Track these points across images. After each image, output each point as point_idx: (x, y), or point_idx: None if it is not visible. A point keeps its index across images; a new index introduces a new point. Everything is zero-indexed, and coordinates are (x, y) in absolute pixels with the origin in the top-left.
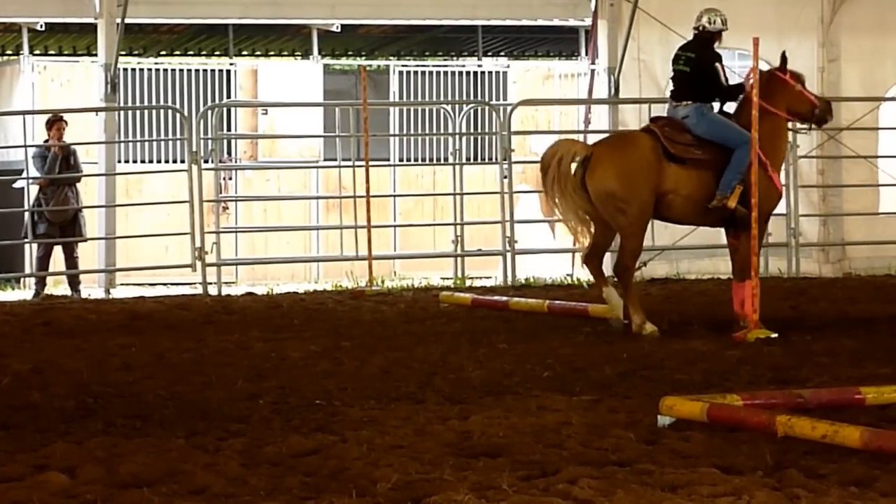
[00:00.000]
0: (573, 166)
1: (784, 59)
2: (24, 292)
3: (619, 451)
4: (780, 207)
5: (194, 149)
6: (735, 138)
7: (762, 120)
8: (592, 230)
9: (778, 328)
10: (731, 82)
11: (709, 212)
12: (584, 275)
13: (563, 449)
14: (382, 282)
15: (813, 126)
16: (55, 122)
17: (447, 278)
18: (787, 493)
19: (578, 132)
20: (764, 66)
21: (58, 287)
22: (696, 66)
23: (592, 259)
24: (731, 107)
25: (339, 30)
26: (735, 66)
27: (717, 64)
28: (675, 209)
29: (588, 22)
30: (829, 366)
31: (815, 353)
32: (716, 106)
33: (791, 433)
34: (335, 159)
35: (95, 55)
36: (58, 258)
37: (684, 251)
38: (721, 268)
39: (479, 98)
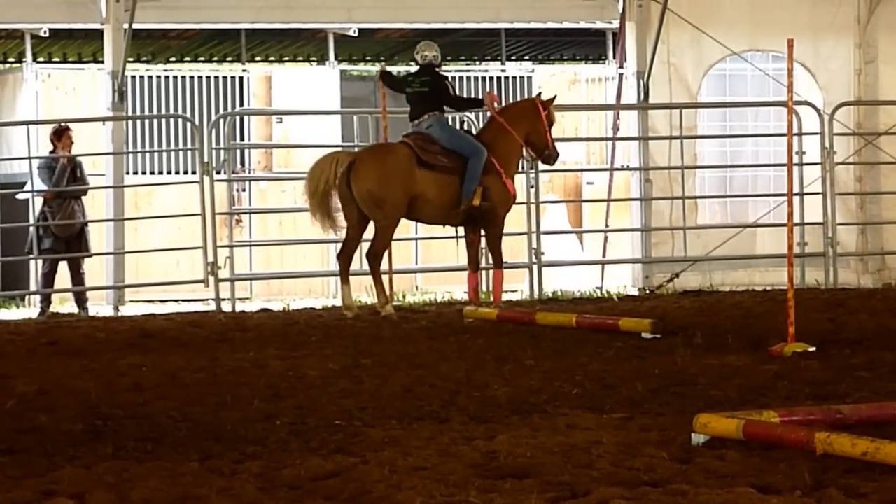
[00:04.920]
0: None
1: (551, 99)
2: (29, 310)
3: (652, 470)
4: (817, 216)
5: (206, 159)
6: (468, 148)
7: (502, 135)
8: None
9: (816, 341)
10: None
11: (454, 212)
12: (613, 287)
13: (594, 469)
14: (404, 297)
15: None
16: (63, 131)
17: None
18: None
19: (607, 139)
20: (798, 69)
21: (64, 305)
22: (433, 86)
23: (345, 257)
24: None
25: (356, 34)
26: (769, 69)
27: (446, 82)
28: (426, 210)
29: (616, 24)
30: (870, 380)
31: (855, 367)
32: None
33: (830, 451)
34: None
35: (102, 62)
36: (63, 274)
37: (717, 262)
38: (756, 279)
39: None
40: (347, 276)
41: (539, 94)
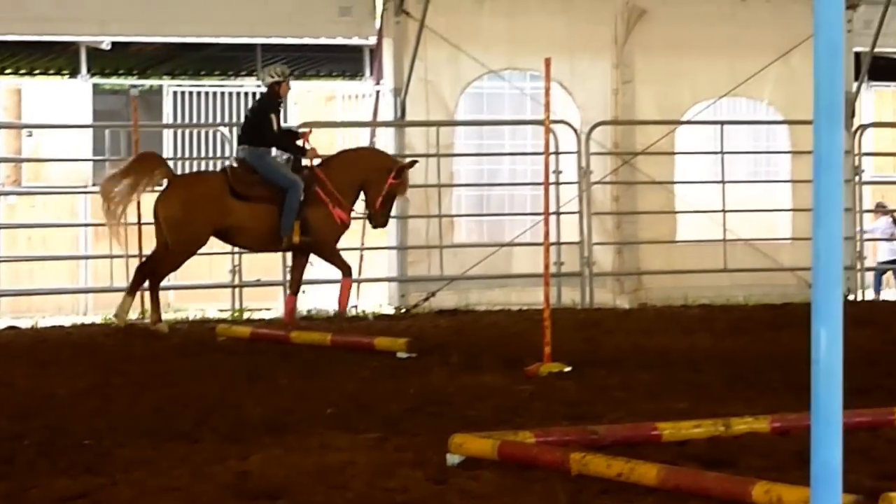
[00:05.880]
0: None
1: (410, 164)
2: None
3: (407, 491)
4: (574, 235)
5: None
6: (283, 181)
7: (339, 169)
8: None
9: (571, 361)
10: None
11: (277, 241)
12: (368, 306)
13: (348, 490)
14: None
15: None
16: None
17: (224, 310)
18: None
19: None
20: (555, 88)
21: None
22: (256, 114)
23: (143, 273)
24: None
25: (109, 47)
26: (527, 88)
27: (272, 114)
28: (245, 238)
29: (373, 41)
30: (625, 400)
31: (610, 387)
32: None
33: (585, 471)
34: None
35: None
36: None
37: (474, 281)
38: (512, 298)
39: None
40: (136, 290)
41: (411, 162)
